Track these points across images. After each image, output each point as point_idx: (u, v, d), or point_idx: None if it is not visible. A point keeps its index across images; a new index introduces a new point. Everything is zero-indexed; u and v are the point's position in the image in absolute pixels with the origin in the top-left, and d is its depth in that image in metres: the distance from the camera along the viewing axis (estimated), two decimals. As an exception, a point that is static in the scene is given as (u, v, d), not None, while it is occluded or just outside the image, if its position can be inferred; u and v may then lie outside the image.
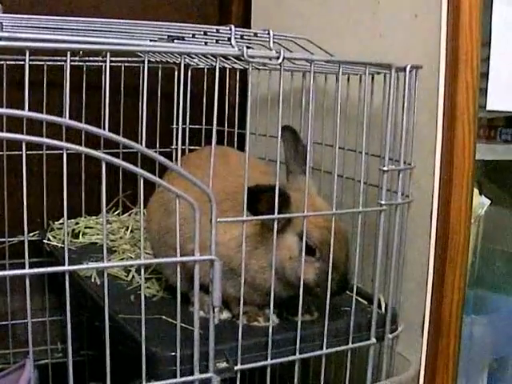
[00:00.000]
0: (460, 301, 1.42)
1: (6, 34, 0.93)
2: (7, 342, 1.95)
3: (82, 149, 0.95)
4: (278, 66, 1.12)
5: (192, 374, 1.12)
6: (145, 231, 1.38)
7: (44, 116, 0.91)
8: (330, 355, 1.32)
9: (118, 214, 2.08)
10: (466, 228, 1.40)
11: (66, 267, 1.00)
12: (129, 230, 1.92)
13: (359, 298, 1.41)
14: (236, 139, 1.95)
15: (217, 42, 1.32)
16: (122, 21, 1.27)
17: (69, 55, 0.98)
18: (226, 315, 1.34)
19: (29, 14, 1.25)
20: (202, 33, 1.28)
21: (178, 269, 1.09)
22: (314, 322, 1.33)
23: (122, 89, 1.93)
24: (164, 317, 1.30)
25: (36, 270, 0.96)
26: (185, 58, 1.30)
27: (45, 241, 1.88)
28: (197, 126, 2.00)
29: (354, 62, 1.22)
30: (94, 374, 2.02)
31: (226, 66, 1.85)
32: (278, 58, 1.09)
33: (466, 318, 1.49)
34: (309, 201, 1.23)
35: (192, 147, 1.57)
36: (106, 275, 1.03)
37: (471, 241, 1.46)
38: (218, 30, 1.26)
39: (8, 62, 1.87)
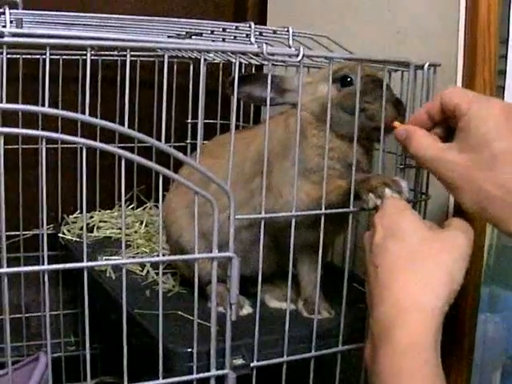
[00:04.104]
0: (474, 298, 1.42)
1: (26, 31, 0.94)
2: (21, 334, 1.97)
3: (100, 145, 0.95)
4: (297, 63, 1.12)
5: (208, 370, 1.12)
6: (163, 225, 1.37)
7: (61, 112, 0.91)
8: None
9: (133, 208, 2.08)
10: (482, 225, 1.40)
11: (85, 263, 1.00)
12: (143, 224, 1.92)
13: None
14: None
15: (235, 38, 1.32)
16: (139, 17, 1.27)
17: (89, 51, 0.99)
18: (245, 311, 1.34)
19: (47, 11, 1.25)
20: (221, 29, 1.28)
21: (197, 265, 1.08)
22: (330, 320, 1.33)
23: (138, 83, 1.93)
24: (180, 312, 1.30)
25: (53, 266, 0.97)
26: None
27: (59, 234, 1.88)
28: (212, 121, 2.00)
29: (374, 60, 1.21)
30: (106, 368, 2.03)
31: (242, 61, 1.84)
32: (297, 55, 1.09)
33: (480, 315, 1.49)
34: None
35: (207, 142, 1.57)
36: (124, 272, 1.03)
37: (486, 238, 1.45)
38: (237, 27, 1.26)
39: (24, 56, 1.87)
